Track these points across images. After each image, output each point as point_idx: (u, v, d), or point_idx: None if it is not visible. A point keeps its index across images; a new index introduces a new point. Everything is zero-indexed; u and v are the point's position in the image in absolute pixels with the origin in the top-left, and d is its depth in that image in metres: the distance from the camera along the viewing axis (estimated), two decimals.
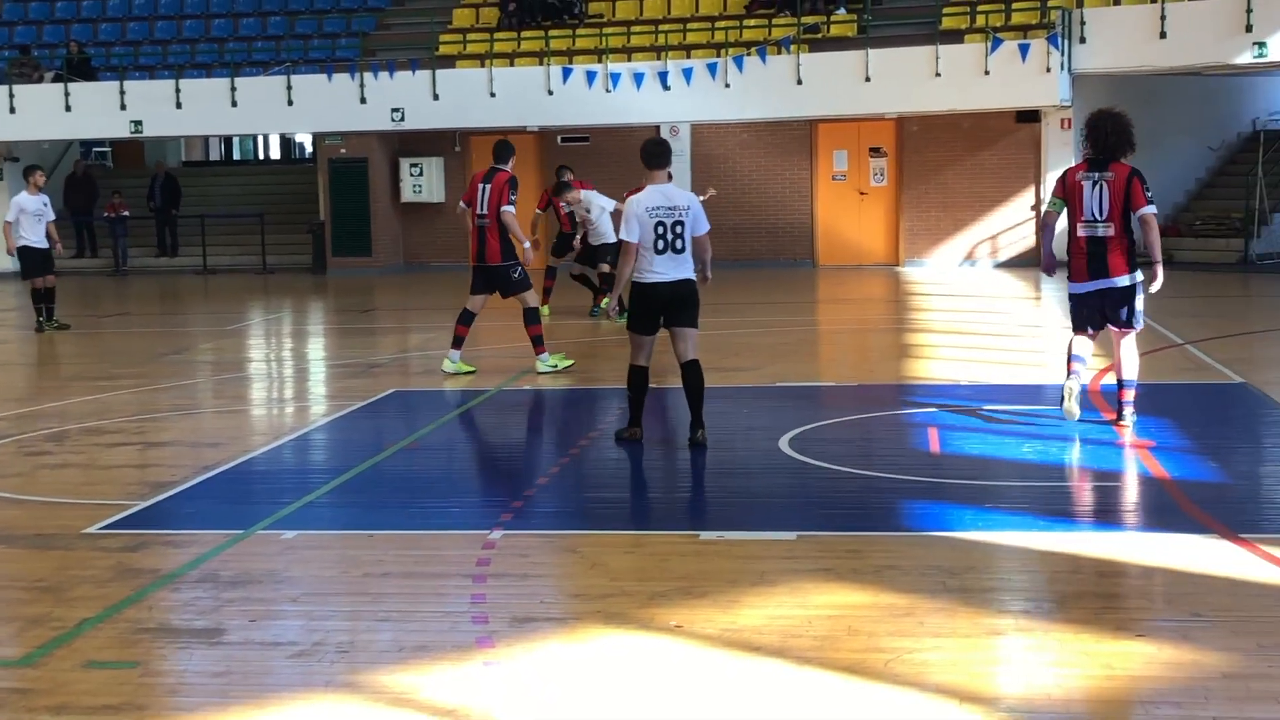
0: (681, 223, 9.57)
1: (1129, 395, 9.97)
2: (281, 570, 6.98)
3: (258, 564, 7.06)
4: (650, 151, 9.71)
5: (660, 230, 9.50)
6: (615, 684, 5.36)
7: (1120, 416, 9.96)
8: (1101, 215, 9.68)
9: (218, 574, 6.89)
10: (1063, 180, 9.95)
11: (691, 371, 9.62)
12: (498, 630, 5.95)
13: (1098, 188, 9.69)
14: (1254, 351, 14.18)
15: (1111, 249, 9.71)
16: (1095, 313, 9.90)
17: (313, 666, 5.60)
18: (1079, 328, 10.03)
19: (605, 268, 17.68)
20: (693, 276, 9.66)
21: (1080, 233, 9.79)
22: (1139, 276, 9.75)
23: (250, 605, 6.41)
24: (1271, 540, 6.99)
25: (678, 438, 10.00)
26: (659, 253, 9.49)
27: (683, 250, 9.57)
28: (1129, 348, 9.91)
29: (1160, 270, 9.66)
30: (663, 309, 9.62)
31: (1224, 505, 7.86)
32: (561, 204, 18.37)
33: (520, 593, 6.50)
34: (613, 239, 17.15)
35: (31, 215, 18.17)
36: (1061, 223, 10.00)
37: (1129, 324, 9.82)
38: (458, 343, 13.30)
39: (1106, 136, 9.71)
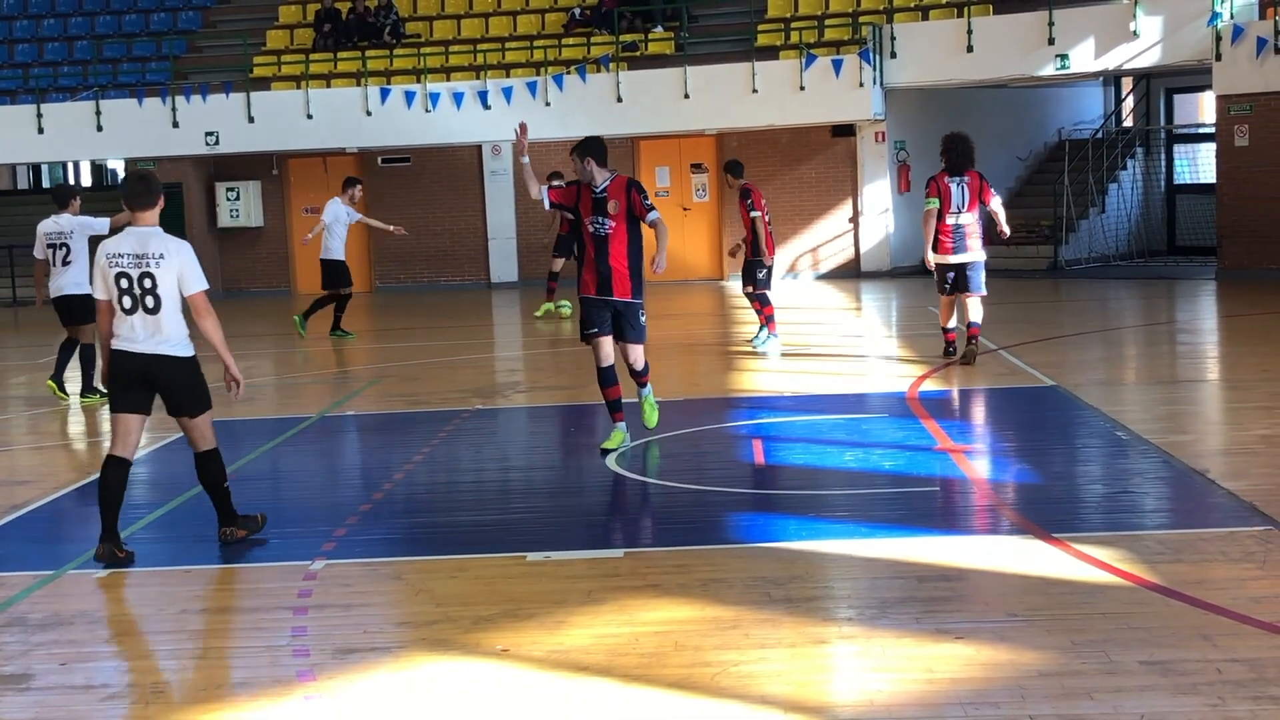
0: (151, 275, 7.52)
1: (978, 333, 13.70)
2: (94, 610, 6.76)
3: (69, 605, 6.82)
4: (131, 190, 7.78)
5: (124, 284, 7.53)
6: (440, 712, 5.29)
7: (971, 344, 13.54)
8: (963, 207, 13.40)
9: (26, 617, 6.64)
10: (935, 184, 13.54)
11: (205, 465, 7.80)
12: (320, 663, 5.83)
13: (960, 187, 13.43)
14: (1064, 355, 14.61)
15: (970, 233, 13.49)
16: (955, 278, 13.50)
17: (127, 709, 5.42)
18: (943, 290, 13.70)
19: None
20: (179, 353, 7.60)
21: (948, 221, 13.44)
22: (984, 255, 13.66)
23: (61, 648, 6.18)
24: (1084, 539, 7.20)
25: (508, 459, 9.93)
26: (127, 312, 7.55)
27: (156, 311, 7.52)
28: (976, 304, 13.59)
29: (1006, 225, 14.18)
30: (143, 386, 7.65)
31: (1037, 506, 8.07)
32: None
33: (343, 623, 6.38)
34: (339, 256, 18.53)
35: None
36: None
37: (978, 289, 13.54)
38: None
39: (961, 153, 13.50)
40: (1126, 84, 28.04)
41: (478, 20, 27.68)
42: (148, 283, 7.51)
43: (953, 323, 13.98)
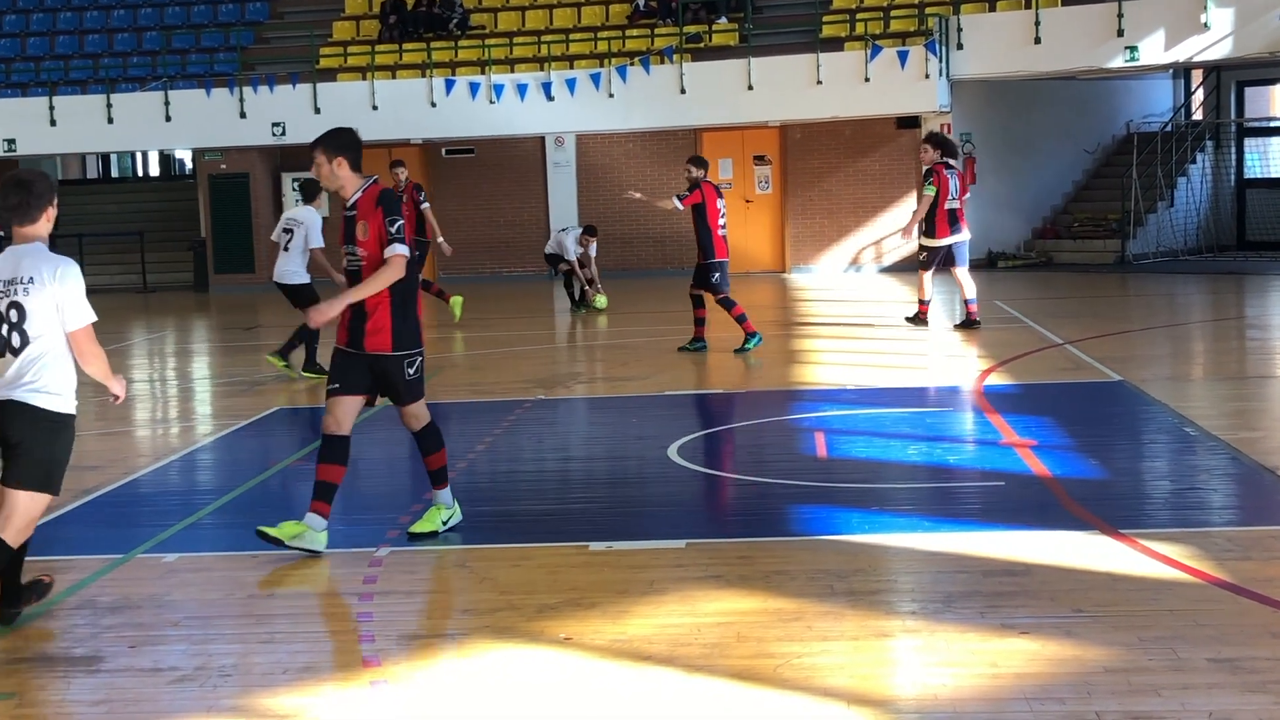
0: (19, 305, 6.07)
1: (974, 307, 15.91)
2: (163, 594, 6.84)
3: (138, 588, 6.91)
4: (5, 199, 6.23)
5: None
6: (504, 699, 5.32)
7: (969, 319, 15.84)
8: (957, 194, 15.79)
9: (96, 600, 6.73)
10: (936, 174, 15.71)
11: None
12: (385, 648, 5.87)
13: (954, 176, 15.83)
14: (1131, 350, 14.47)
15: (962, 215, 15.97)
16: (945, 256, 15.88)
17: (195, 691, 5.48)
18: (930, 267, 16.09)
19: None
20: (35, 401, 6.11)
21: (946, 206, 15.71)
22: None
23: (130, 631, 6.27)
24: (1150, 535, 7.13)
25: (570, 448, 9.96)
26: None
27: (19, 349, 6.07)
28: (967, 279, 15.95)
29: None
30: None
31: (1104, 502, 8.00)
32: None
33: (408, 610, 6.43)
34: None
35: None
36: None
37: (963, 262, 15.92)
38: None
39: (952, 147, 16.21)
40: (1196, 76, 27.68)
41: (542, 11, 27.73)
42: (14, 315, 6.08)
43: (929, 296, 16.33)
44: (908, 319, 16.61)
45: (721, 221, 14.70)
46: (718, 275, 14.68)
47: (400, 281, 7.37)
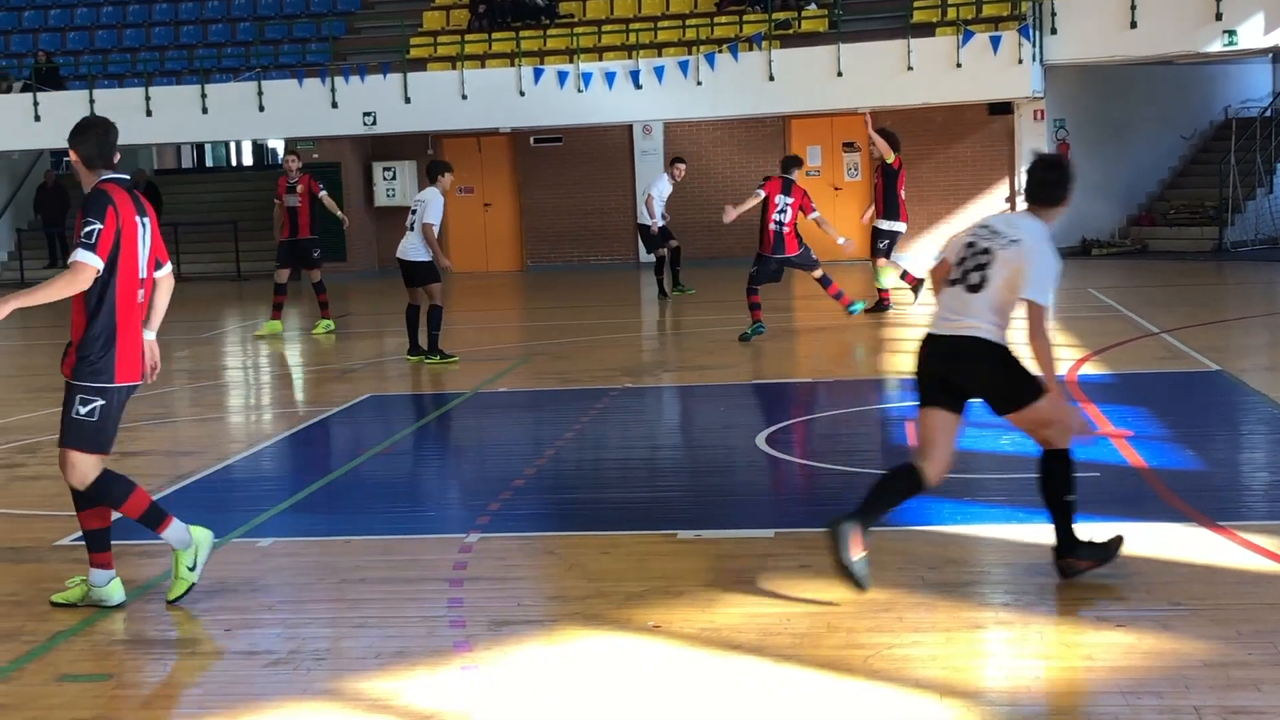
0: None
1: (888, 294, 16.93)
2: (257, 578, 6.92)
3: (234, 572, 7.00)
4: None
5: None
6: (594, 685, 5.32)
7: (882, 303, 16.98)
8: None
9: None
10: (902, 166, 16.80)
11: None
12: (475, 634, 5.90)
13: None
14: (1229, 339, 14.21)
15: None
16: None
17: (290, 675, 5.54)
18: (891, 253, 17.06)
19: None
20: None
21: (903, 193, 17.01)
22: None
23: (226, 614, 6.35)
24: (1249, 527, 6.99)
25: (657, 437, 9.95)
26: None
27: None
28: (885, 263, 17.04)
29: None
30: None
31: (1201, 493, 7.86)
32: None
33: (498, 596, 6.46)
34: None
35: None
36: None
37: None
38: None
39: (897, 140, 16.78)
40: None
41: (630, 0, 27.72)
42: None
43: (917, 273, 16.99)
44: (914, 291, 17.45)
45: (775, 217, 15.16)
46: (756, 267, 15.33)
47: (102, 298, 6.22)
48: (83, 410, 6.22)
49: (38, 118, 27.06)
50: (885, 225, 16.89)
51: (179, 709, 5.32)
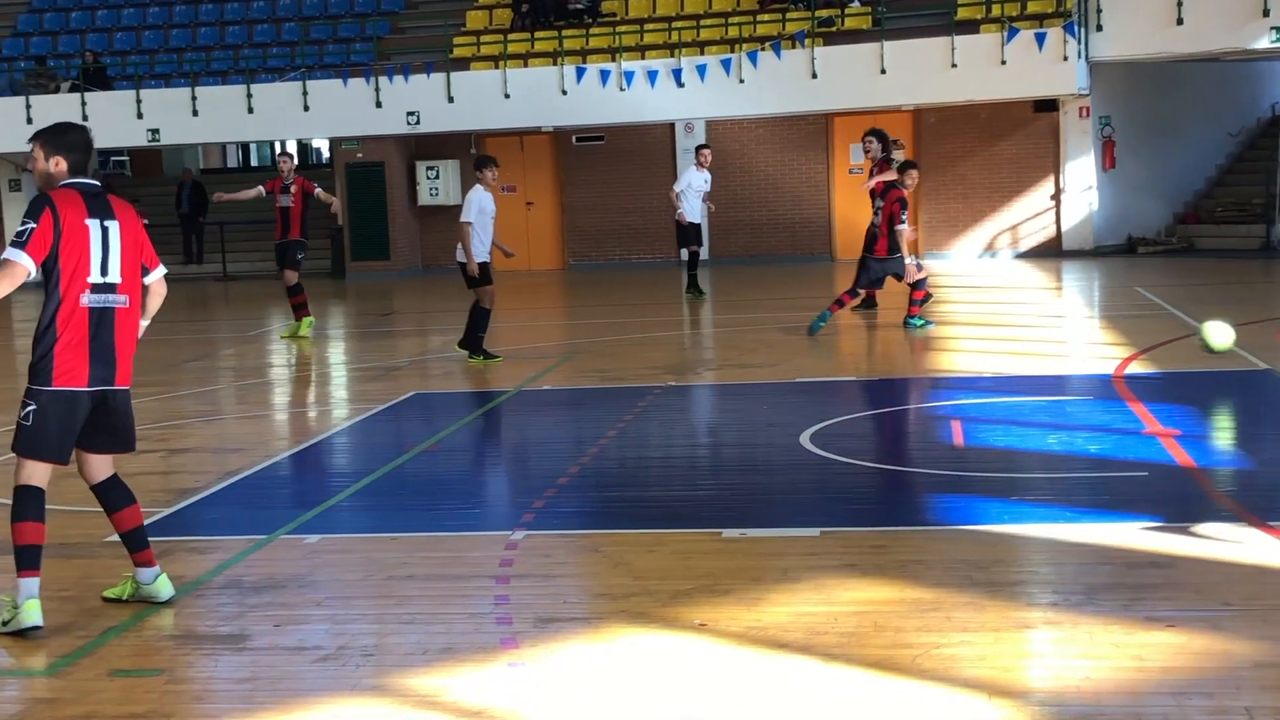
0: None
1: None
2: (306, 575, 6.97)
3: (282, 569, 7.05)
4: None
5: None
6: (640, 683, 5.33)
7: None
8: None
9: (242, 579, 6.88)
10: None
11: None
12: (522, 631, 5.92)
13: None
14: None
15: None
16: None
17: (338, 670, 5.58)
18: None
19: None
20: None
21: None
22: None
23: (275, 610, 6.39)
24: None
25: (701, 435, 9.94)
26: None
27: None
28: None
29: None
30: None
31: (1251, 493, 7.80)
32: None
33: (544, 593, 6.48)
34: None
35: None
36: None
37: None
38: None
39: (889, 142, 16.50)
40: None
41: None
42: None
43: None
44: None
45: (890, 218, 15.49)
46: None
47: (48, 301, 6.09)
48: (21, 412, 6.18)
49: (85, 118, 27.23)
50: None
51: (229, 704, 5.36)
